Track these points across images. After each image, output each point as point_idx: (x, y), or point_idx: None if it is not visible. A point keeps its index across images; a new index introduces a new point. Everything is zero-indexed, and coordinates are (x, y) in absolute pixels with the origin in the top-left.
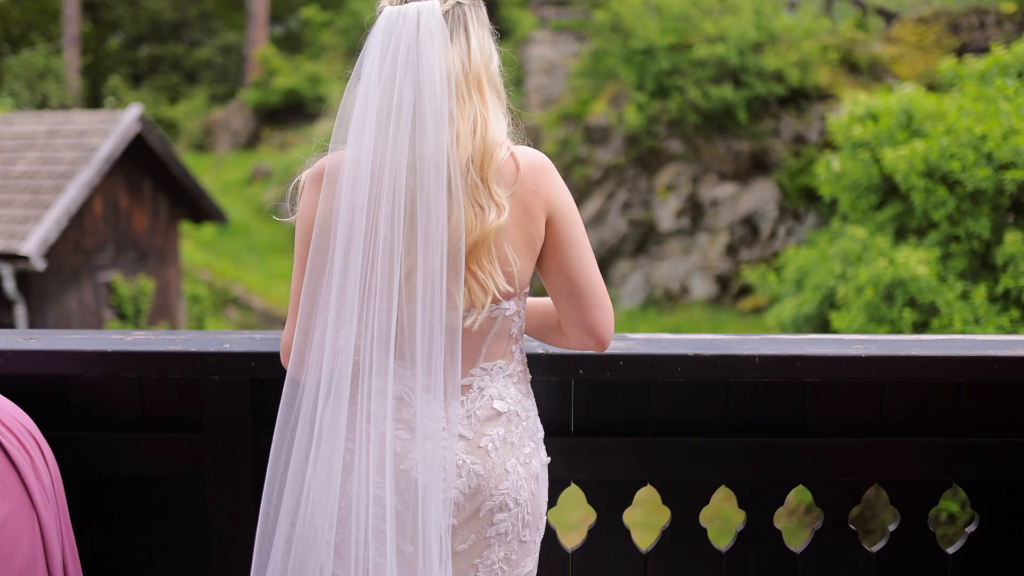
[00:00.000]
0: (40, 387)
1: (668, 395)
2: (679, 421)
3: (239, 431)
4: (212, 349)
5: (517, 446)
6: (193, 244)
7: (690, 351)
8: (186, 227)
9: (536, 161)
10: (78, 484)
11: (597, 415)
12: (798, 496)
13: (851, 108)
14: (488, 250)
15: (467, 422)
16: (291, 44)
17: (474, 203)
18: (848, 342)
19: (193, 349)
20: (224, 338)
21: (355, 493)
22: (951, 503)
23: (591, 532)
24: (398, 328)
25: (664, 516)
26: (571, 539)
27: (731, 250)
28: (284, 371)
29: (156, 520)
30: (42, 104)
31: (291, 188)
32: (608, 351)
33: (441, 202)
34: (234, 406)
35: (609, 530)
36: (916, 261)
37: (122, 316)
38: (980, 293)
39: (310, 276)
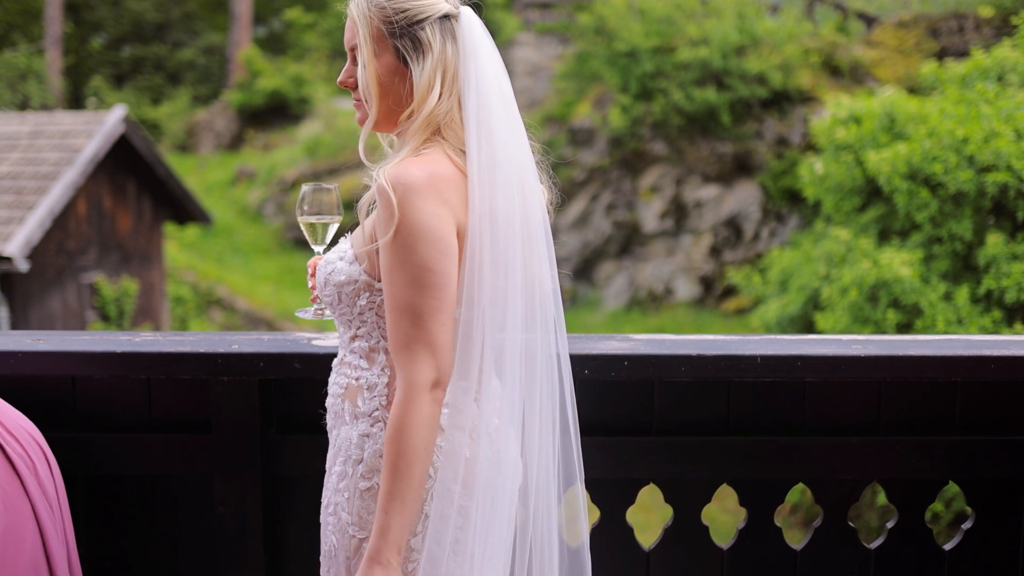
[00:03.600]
0: (48, 388)
1: (671, 395)
2: (682, 420)
3: (248, 432)
4: (221, 350)
5: None
6: (177, 245)
7: (693, 351)
8: (170, 228)
9: None
10: (85, 485)
11: (601, 414)
12: (787, 496)
13: (834, 111)
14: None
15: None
16: (275, 45)
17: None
18: (847, 342)
19: (202, 350)
20: (232, 339)
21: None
22: (936, 502)
23: (594, 530)
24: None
25: (653, 517)
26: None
27: (715, 251)
28: (293, 372)
29: (163, 521)
30: (23, 105)
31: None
32: (612, 351)
33: (542, 196)
34: (243, 407)
35: (612, 528)
36: (899, 262)
37: (105, 318)
38: (963, 294)
39: (471, 291)
